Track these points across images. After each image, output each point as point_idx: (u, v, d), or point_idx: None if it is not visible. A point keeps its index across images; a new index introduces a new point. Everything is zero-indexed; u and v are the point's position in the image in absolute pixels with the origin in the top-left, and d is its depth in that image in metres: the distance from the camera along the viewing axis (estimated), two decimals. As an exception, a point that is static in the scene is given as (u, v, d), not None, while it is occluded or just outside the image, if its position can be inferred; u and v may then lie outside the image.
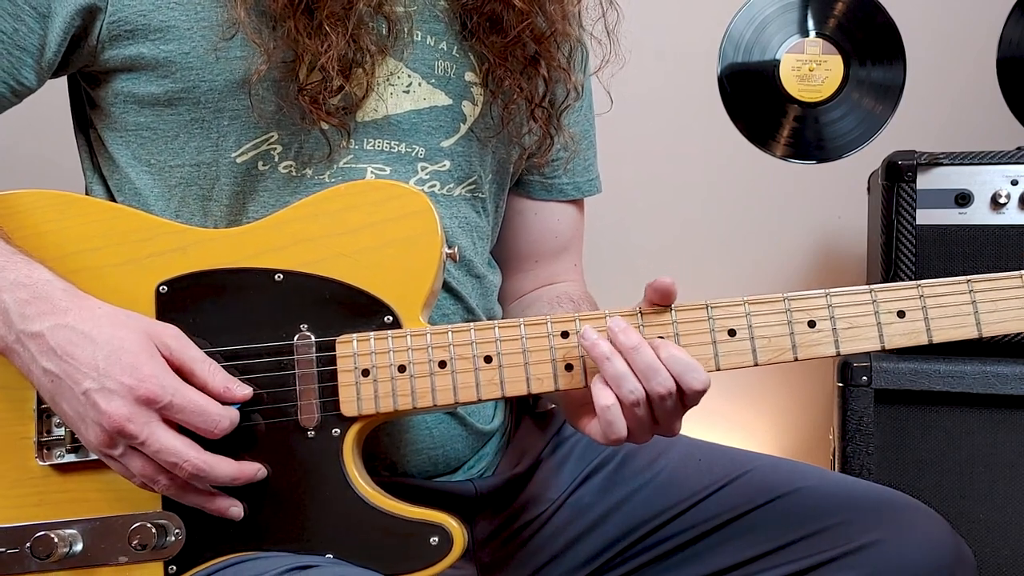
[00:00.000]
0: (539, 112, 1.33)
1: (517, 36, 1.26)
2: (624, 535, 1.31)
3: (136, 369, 1.03)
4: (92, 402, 1.03)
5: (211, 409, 1.06)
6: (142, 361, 1.04)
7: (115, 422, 1.02)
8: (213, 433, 1.06)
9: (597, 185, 1.53)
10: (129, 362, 1.03)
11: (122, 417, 1.02)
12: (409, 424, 1.25)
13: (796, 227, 2.36)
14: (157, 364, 1.05)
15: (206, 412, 1.06)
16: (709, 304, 1.10)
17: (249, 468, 1.10)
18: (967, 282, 1.10)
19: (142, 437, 1.03)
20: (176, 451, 1.04)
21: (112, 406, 1.02)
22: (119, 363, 1.03)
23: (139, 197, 1.24)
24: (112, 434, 1.03)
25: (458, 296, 1.29)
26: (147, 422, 1.03)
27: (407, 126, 1.26)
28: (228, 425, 1.07)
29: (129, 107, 1.22)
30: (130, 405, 1.03)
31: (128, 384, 1.03)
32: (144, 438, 1.03)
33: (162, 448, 1.04)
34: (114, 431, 1.03)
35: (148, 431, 1.03)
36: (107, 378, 1.03)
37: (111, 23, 1.17)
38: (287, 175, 1.22)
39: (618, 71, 1.37)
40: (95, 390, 1.03)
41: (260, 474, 1.11)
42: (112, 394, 1.02)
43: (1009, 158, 1.76)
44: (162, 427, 1.04)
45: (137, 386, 1.03)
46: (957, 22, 2.29)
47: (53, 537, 1.10)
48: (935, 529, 1.22)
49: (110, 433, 1.03)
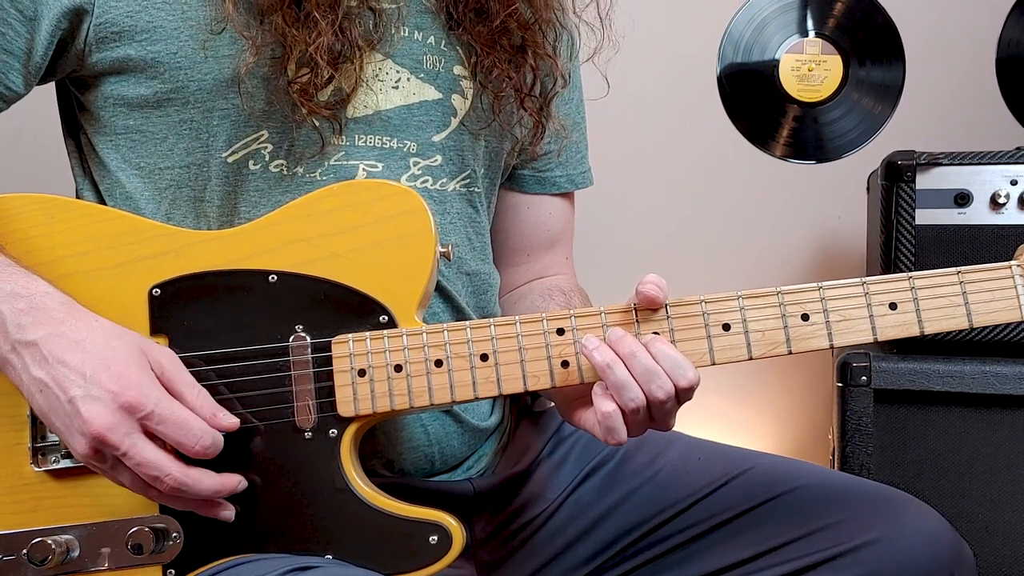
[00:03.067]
0: (529, 101, 1.33)
1: (502, 24, 1.27)
2: (624, 534, 1.30)
3: (122, 376, 1.02)
4: (76, 410, 1.02)
5: (194, 424, 1.05)
6: (130, 370, 1.03)
7: (95, 430, 1.01)
8: (193, 450, 1.05)
9: (590, 177, 1.54)
10: (117, 370, 1.03)
11: (103, 426, 1.01)
12: (405, 422, 1.25)
13: (796, 227, 2.36)
14: (144, 375, 1.04)
15: (189, 426, 1.04)
16: (703, 299, 1.11)
17: (230, 480, 1.09)
18: (957, 273, 1.11)
19: (123, 448, 1.02)
20: (158, 464, 1.03)
21: (93, 412, 1.01)
22: (107, 371, 1.02)
23: (130, 200, 1.24)
24: (95, 445, 1.02)
25: (446, 295, 1.29)
26: (128, 433, 1.02)
27: (397, 121, 1.26)
28: (209, 443, 1.05)
29: (118, 110, 1.22)
30: (112, 413, 1.01)
31: (112, 390, 1.02)
32: (125, 450, 1.02)
33: (143, 461, 1.03)
34: (95, 440, 1.02)
35: (129, 442, 1.02)
36: (93, 385, 1.02)
37: (98, 25, 1.17)
38: (278, 174, 1.22)
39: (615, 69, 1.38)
40: (80, 397, 1.02)
41: (241, 485, 1.10)
42: (95, 401, 1.01)
43: (1008, 158, 1.76)
44: (143, 439, 1.03)
45: (121, 392, 1.02)
46: (956, 22, 2.29)
47: (49, 543, 1.10)
48: (935, 528, 1.22)
49: (92, 444, 1.02)
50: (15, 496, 1.14)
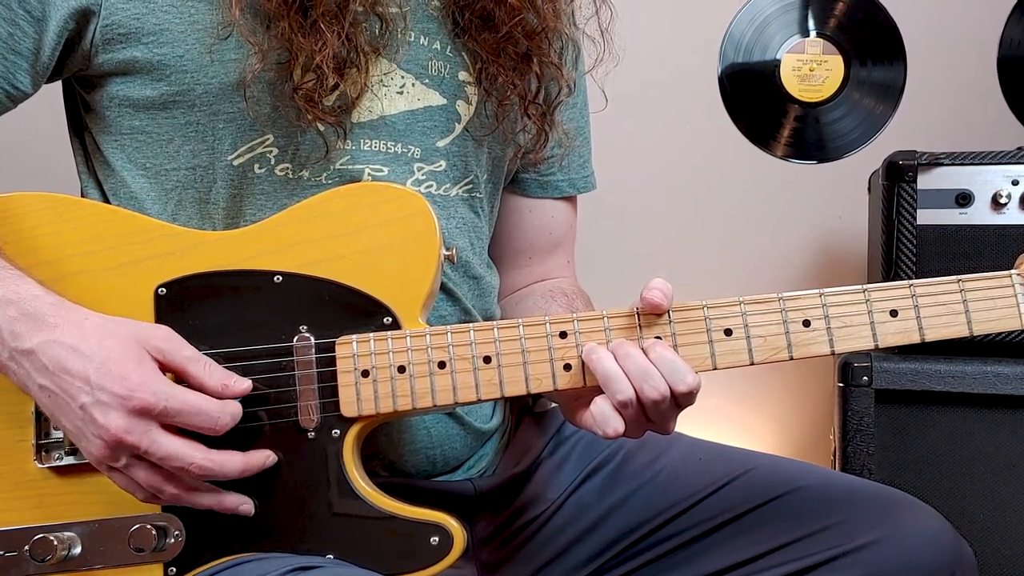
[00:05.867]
0: (533, 109, 1.33)
1: (509, 33, 1.27)
2: (624, 534, 1.30)
3: (125, 378, 1.02)
4: (90, 417, 1.02)
5: (209, 407, 1.05)
6: (130, 369, 1.03)
7: (114, 435, 1.02)
8: (215, 430, 1.05)
9: (592, 181, 1.54)
10: (118, 372, 1.02)
11: (120, 429, 1.02)
12: (407, 424, 1.25)
13: (796, 227, 2.36)
14: (146, 371, 1.04)
15: (204, 411, 1.05)
16: (706, 304, 1.11)
17: (257, 457, 1.10)
18: (958, 282, 1.11)
19: (144, 446, 1.03)
20: (181, 455, 1.04)
21: (109, 419, 1.02)
22: (109, 374, 1.02)
23: (135, 201, 1.23)
24: (113, 446, 1.03)
25: (454, 297, 1.29)
26: (146, 431, 1.03)
27: (402, 126, 1.26)
28: (229, 420, 1.06)
29: (124, 111, 1.22)
30: (126, 417, 1.02)
31: (120, 395, 1.02)
32: (146, 447, 1.03)
33: (167, 454, 1.03)
34: (114, 443, 1.02)
35: (149, 439, 1.03)
36: (100, 391, 1.02)
37: (104, 27, 1.17)
38: (284, 177, 1.22)
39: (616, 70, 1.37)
40: (91, 404, 1.02)
41: (270, 460, 1.11)
42: (107, 407, 1.02)
43: (1010, 158, 1.77)
44: (162, 433, 1.04)
45: (129, 396, 1.02)
46: (958, 22, 2.29)
47: (52, 539, 1.10)
48: (936, 528, 1.21)
49: (111, 446, 1.03)
50: (18, 492, 1.14)
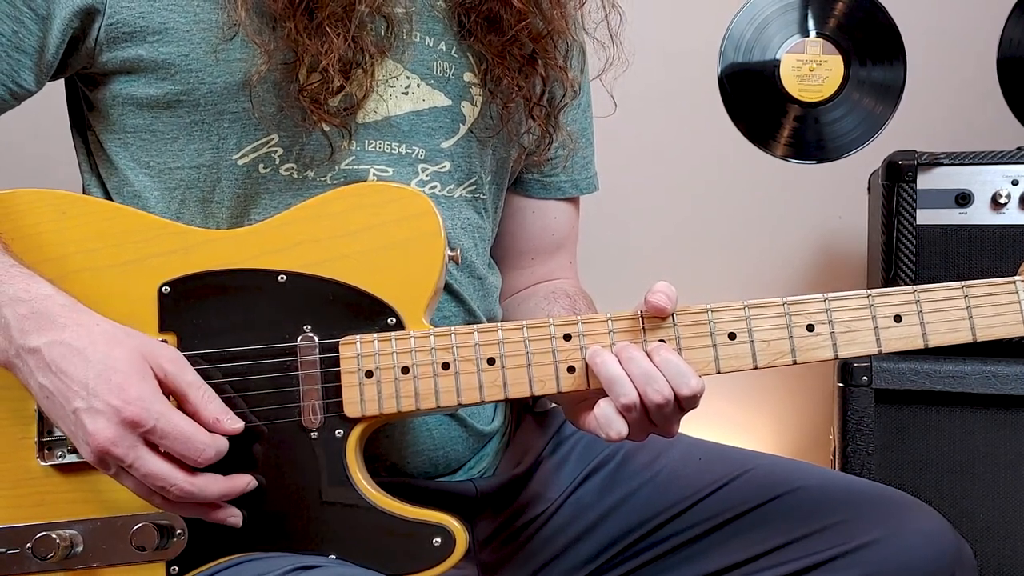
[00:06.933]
0: (537, 111, 1.33)
1: (515, 35, 1.27)
2: (624, 534, 1.31)
3: (123, 390, 1.02)
4: (80, 421, 1.02)
5: (197, 437, 1.04)
6: (131, 382, 1.03)
7: (100, 444, 1.01)
8: (197, 462, 1.04)
9: (595, 183, 1.54)
10: (118, 382, 1.02)
11: (106, 440, 1.01)
12: (410, 425, 1.25)
13: (796, 227, 2.36)
14: (146, 386, 1.04)
15: (191, 440, 1.04)
16: (710, 308, 1.11)
17: (239, 482, 1.09)
18: (962, 287, 1.11)
19: (128, 461, 1.02)
20: (163, 475, 1.04)
21: (97, 427, 1.01)
22: (108, 383, 1.02)
23: (138, 199, 1.23)
24: (100, 455, 1.03)
25: (459, 298, 1.29)
26: (132, 446, 1.02)
27: (407, 127, 1.26)
28: (213, 455, 1.05)
29: (128, 109, 1.21)
30: (115, 427, 1.01)
31: (114, 405, 1.01)
32: (131, 462, 1.02)
33: (149, 473, 1.03)
34: (101, 452, 1.02)
35: (134, 455, 1.02)
36: (95, 397, 1.02)
37: (109, 25, 1.17)
38: (288, 177, 1.22)
39: (619, 72, 1.37)
40: (83, 409, 1.02)
41: (250, 486, 1.10)
42: (98, 414, 1.02)
43: (1009, 158, 1.76)
44: (147, 452, 1.03)
45: (123, 408, 1.01)
46: (957, 22, 2.29)
47: (54, 537, 1.10)
48: (936, 528, 1.22)
49: (98, 454, 1.03)
50: (20, 490, 1.14)
